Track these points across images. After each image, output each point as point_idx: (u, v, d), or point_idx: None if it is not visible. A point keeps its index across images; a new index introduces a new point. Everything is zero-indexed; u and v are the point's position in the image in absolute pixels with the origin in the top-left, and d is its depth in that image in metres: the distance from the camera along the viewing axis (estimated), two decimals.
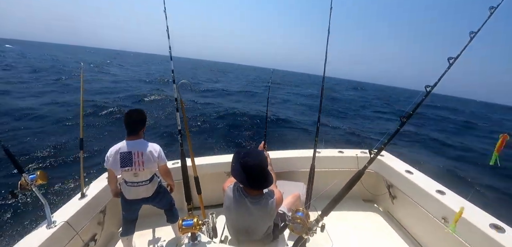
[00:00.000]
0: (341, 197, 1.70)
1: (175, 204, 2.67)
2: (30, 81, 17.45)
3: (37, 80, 18.29)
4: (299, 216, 1.56)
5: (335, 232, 2.74)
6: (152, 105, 13.30)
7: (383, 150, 1.75)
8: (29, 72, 22.22)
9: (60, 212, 2.36)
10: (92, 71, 28.31)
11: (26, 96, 12.70)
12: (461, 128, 18.19)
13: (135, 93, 16.40)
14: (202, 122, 10.60)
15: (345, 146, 3.75)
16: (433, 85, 1.58)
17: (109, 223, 2.81)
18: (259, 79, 46.22)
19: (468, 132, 16.92)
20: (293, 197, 2.39)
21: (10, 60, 31.50)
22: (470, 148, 11.34)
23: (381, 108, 25.54)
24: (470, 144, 12.14)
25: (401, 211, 2.84)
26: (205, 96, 17.93)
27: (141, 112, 2.32)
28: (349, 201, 2.90)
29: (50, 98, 12.74)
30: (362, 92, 49.36)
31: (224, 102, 15.89)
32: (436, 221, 2.23)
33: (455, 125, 19.05)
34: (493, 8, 1.47)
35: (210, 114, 11.83)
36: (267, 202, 1.77)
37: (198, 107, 13.07)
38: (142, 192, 2.31)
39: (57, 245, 2.11)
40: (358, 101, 28.91)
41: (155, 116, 11.14)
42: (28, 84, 16.03)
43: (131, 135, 2.23)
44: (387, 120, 17.87)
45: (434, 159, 8.84)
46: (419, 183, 2.48)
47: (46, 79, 18.81)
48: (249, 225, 1.84)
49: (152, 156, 2.23)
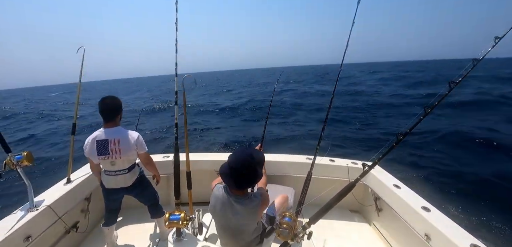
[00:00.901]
0: (330, 207, 1.71)
1: (161, 198, 2.63)
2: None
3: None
4: (286, 221, 1.56)
5: (319, 240, 2.76)
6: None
7: (376, 165, 1.75)
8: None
9: (43, 195, 2.31)
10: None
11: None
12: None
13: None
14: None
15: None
16: (432, 106, 1.55)
17: (93, 212, 2.77)
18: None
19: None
20: (282, 198, 2.39)
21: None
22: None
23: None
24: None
25: (386, 224, 2.88)
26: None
27: (115, 98, 2.25)
28: (336, 210, 2.91)
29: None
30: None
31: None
32: (419, 237, 2.27)
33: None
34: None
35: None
36: (251, 201, 1.73)
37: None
38: (120, 181, 2.26)
39: (37, 228, 2.07)
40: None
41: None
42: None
43: (107, 122, 2.17)
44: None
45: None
46: (405, 198, 2.52)
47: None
48: (234, 225, 1.83)
49: (130, 143, 2.18)
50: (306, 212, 3.00)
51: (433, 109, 1.55)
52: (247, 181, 1.71)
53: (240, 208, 1.73)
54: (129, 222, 2.95)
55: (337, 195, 1.74)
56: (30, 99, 39.81)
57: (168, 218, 1.69)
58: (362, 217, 3.26)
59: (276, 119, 12.54)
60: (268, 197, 1.86)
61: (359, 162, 3.22)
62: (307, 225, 1.64)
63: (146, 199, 2.48)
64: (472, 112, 12.06)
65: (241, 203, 1.72)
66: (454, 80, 1.52)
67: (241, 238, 1.89)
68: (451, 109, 12.27)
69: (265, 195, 1.83)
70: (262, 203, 1.76)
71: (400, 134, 1.63)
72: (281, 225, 1.56)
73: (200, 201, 3.08)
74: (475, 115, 11.43)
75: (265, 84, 37.06)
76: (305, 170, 2.75)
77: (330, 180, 3.14)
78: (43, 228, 2.13)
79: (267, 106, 13.50)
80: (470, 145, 7.86)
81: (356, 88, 23.89)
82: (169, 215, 1.70)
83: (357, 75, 42.54)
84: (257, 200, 1.75)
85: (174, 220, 1.69)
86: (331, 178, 3.17)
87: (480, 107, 12.89)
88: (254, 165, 1.70)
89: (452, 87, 1.53)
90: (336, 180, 3.09)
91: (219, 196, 1.79)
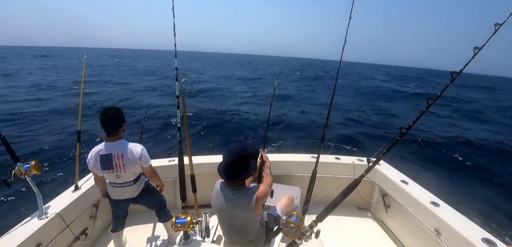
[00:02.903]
0: (336, 204, 1.70)
1: (168, 202, 2.64)
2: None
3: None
4: (293, 220, 1.56)
5: (328, 238, 2.74)
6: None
7: (381, 159, 1.75)
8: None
9: (52, 203, 2.34)
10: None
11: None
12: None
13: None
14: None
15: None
16: (435, 99, 1.57)
17: (101, 218, 2.79)
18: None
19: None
20: (287, 198, 2.39)
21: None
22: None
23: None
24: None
25: (394, 220, 2.85)
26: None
27: (118, 109, 2.14)
28: (344, 208, 2.90)
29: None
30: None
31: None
32: (429, 232, 2.24)
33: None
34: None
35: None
36: (246, 192, 1.78)
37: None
38: (127, 193, 2.25)
39: (47, 236, 2.09)
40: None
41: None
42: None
43: (110, 135, 2.09)
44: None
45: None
46: (413, 194, 2.49)
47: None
48: (235, 219, 1.85)
49: (134, 158, 2.11)
50: (313, 211, 2.98)
51: (435, 101, 1.56)
52: (240, 173, 1.77)
53: (237, 200, 1.78)
54: (137, 225, 2.96)
55: (343, 192, 1.73)
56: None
57: (175, 222, 1.70)
58: (371, 214, 3.23)
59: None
60: (268, 191, 1.88)
61: (364, 159, 3.20)
62: (314, 224, 1.63)
63: (153, 205, 2.49)
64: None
65: (238, 194, 1.78)
66: (455, 71, 1.55)
67: (244, 234, 1.90)
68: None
69: (263, 187, 1.85)
70: (258, 194, 1.79)
71: (403, 128, 1.62)
72: (288, 225, 1.55)
73: (206, 204, 3.08)
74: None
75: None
76: (310, 169, 2.74)
77: (336, 178, 3.12)
78: (53, 235, 2.15)
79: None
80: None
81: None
82: (175, 219, 1.71)
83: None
84: (253, 190, 1.79)
85: (181, 224, 1.70)
86: (337, 176, 3.15)
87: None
88: (247, 156, 1.79)
89: (455, 77, 1.56)
90: (342, 177, 3.07)
91: (218, 190, 1.86)
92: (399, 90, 24.92)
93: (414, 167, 6.48)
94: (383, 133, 9.92)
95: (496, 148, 8.67)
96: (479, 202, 5.16)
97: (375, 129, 10.63)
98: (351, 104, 15.73)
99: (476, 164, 7.39)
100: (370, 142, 8.83)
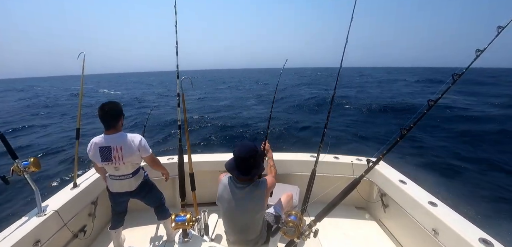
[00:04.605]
0: (335, 204, 1.70)
1: (167, 200, 2.64)
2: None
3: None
4: (292, 219, 1.55)
5: (325, 238, 2.75)
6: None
7: (381, 160, 1.75)
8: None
9: (51, 200, 2.34)
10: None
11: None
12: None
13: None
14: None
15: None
16: (436, 100, 1.55)
17: (100, 215, 2.79)
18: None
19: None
20: (287, 196, 2.39)
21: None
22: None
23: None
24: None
25: (392, 220, 2.85)
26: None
27: (116, 104, 2.19)
28: (342, 207, 2.89)
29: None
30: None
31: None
32: (427, 232, 2.24)
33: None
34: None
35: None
36: (256, 186, 1.84)
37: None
38: (125, 186, 2.26)
39: (46, 233, 2.09)
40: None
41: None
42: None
43: (108, 129, 2.12)
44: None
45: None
46: (411, 194, 2.49)
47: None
48: (241, 215, 1.87)
49: (132, 149, 2.14)
50: (311, 210, 2.99)
51: (437, 103, 1.55)
52: (253, 167, 1.82)
53: (247, 194, 1.82)
54: (136, 224, 2.96)
55: (342, 192, 1.73)
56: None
57: (174, 219, 1.71)
58: (369, 214, 3.23)
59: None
60: (274, 182, 1.96)
61: (364, 158, 3.20)
62: (313, 223, 1.63)
63: (151, 201, 2.49)
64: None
65: (248, 189, 1.82)
66: (456, 73, 1.53)
67: (248, 232, 1.91)
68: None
69: (270, 178, 1.94)
70: (268, 188, 1.87)
71: (403, 128, 1.61)
72: (287, 224, 1.55)
73: (205, 202, 3.09)
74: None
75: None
76: (309, 168, 2.73)
77: (335, 178, 3.12)
78: (52, 232, 2.15)
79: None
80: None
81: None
82: (175, 216, 1.72)
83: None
84: (263, 184, 1.85)
85: (180, 222, 1.71)
86: (336, 176, 3.15)
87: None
88: (259, 153, 1.87)
89: (456, 79, 1.55)
90: (341, 177, 3.07)
91: (226, 184, 1.89)
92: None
93: (413, 167, 6.49)
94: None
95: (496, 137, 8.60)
96: (478, 202, 5.17)
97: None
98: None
99: (476, 163, 7.40)
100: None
